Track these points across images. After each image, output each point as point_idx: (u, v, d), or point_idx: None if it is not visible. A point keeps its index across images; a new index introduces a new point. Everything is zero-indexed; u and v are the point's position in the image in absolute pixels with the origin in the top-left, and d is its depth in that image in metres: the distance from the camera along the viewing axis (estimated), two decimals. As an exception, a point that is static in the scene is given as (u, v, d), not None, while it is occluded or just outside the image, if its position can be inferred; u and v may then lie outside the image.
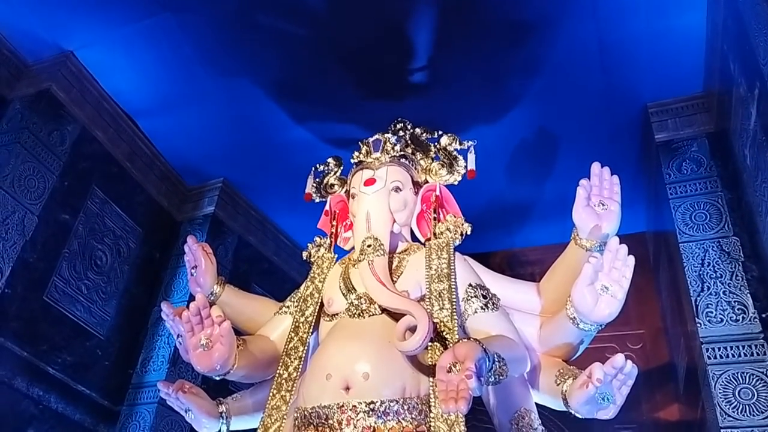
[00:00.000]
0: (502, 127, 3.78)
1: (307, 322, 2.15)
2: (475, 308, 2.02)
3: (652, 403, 3.93)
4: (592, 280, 1.82)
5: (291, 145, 3.98)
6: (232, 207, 4.47)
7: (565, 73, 3.47)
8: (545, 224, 4.44)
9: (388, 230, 2.17)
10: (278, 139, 3.98)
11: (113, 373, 3.74)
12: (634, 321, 4.13)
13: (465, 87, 3.58)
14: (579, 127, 3.77)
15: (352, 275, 2.16)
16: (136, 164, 4.07)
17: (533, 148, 3.94)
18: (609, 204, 1.98)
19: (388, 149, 2.34)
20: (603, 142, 3.80)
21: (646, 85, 3.52)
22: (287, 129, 3.91)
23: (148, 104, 3.89)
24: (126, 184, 4.01)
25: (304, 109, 3.82)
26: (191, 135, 4.04)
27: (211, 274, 2.33)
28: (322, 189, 2.56)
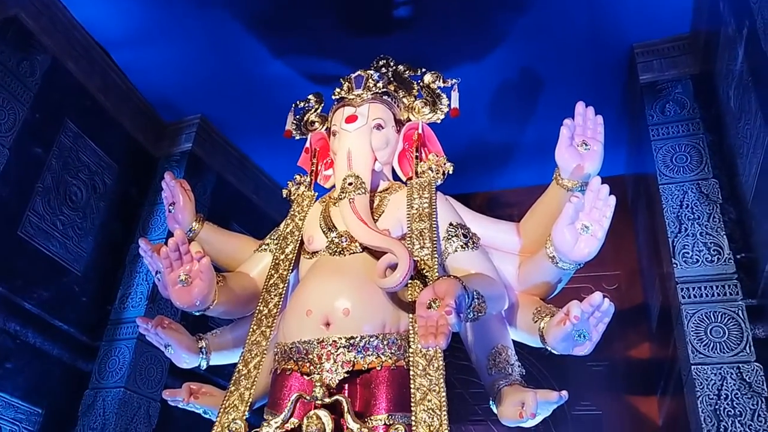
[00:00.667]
0: (486, 65, 3.73)
1: (287, 260, 2.15)
2: (455, 247, 2.03)
3: (625, 342, 4.05)
4: (573, 219, 1.83)
5: (271, 81, 3.90)
6: (210, 144, 4.41)
7: (552, 11, 3.41)
8: (526, 166, 4.45)
9: (369, 168, 2.16)
10: (258, 74, 3.90)
11: (91, 309, 3.74)
12: (610, 262, 4.20)
13: (450, 23, 3.51)
14: (564, 66, 3.73)
15: (333, 213, 2.15)
16: (111, 98, 3.97)
17: (517, 87, 3.91)
18: (592, 144, 1.97)
19: (370, 86, 2.30)
20: (587, 82, 3.78)
21: (633, 24, 3.48)
22: (267, 64, 3.83)
23: (122, 35, 3.76)
24: (100, 118, 3.92)
25: (285, 44, 3.73)
26: (167, 69, 3.94)
27: (190, 210, 2.31)
28: (302, 126, 2.52)
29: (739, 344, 2.70)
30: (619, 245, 4.13)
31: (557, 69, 3.75)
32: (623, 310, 4.07)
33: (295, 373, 1.87)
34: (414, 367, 1.77)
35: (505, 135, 4.31)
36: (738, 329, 2.73)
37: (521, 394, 1.81)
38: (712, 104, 3.27)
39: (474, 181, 4.63)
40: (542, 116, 4.03)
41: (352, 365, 1.80)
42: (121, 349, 3.65)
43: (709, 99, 3.30)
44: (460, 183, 4.07)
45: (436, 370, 1.76)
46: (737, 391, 2.62)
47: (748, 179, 2.75)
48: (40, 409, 3.37)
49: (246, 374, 1.93)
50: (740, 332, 2.73)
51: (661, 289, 3.44)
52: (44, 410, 3.39)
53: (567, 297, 1.91)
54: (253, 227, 4.41)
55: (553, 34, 3.54)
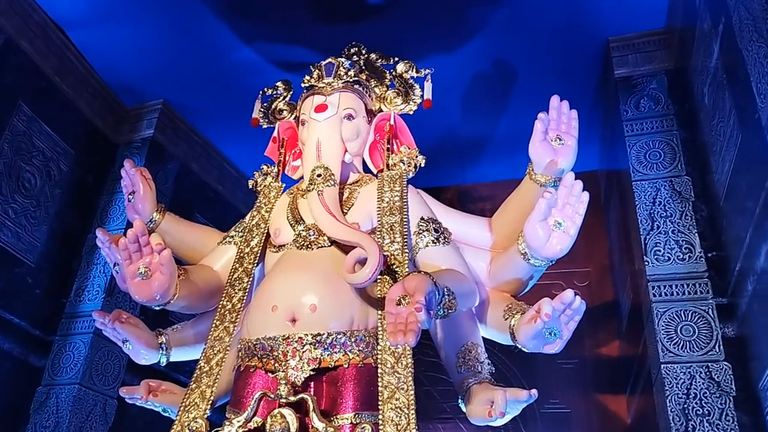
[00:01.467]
0: (460, 57, 3.74)
1: (252, 253, 2.14)
2: (426, 242, 2.04)
3: (595, 339, 4.11)
4: (545, 215, 1.85)
5: (238, 66, 3.86)
6: (172, 131, 4.35)
7: (528, 3, 3.43)
8: (499, 160, 4.49)
9: (339, 160, 2.16)
10: (224, 59, 3.85)
11: (45, 301, 3.67)
12: (582, 259, 4.26)
13: (424, 13, 3.51)
14: (539, 60, 3.76)
15: (301, 206, 2.15)
16: (68, 80, 3.88)
17: (491, 80, 3.92)
18: (566, 139, 1.99)
19: (341, 74, 2.29)
20: (562, 76, 3.81)
21: (610, 18, 3.51)
22: (234, 49, 3.78)
23: (80, 14, 3.67)
24: (56, 101, 3.83)
25: (253, 28, 3.68)
26: (129, 51, 3.86)
27: (150, 200, 2.29)
28: (270, 114, 2.51)
29: (709, 343, 2.76)
30: (591, 242, 4.19)
31: (532, 62, 3.78)
32: (594, 307, 4.13)
33: (259, 371, 1.87)
34: (382, 365, 1.77)
35: (478, 128, 4.33)
36: (708, 328, 2.79)
37: (490, 392, 1.82)
38: (686, 100, 3.33)
39: (446, 175, 4.66)
40: (516, 110, 4.06)
41: (318, 363, 1.80)
42: (76, 344, 3.59)
43: (684, 95, 3.35)
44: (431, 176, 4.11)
45: (405, 367, 1.76)
46: (706, 390, 2.67)
47: (720, 177, 2.81)
48: (-11, 406, 3.30)
49: (208, 371, 1.92)
50: (710, 331, 2.79)
51: (632, 286, 3.50)
52: (-7, 407, 3.32)
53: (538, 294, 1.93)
54: (218, 219, 4.37)
55: (529, 26, 3.56)
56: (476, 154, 4.56)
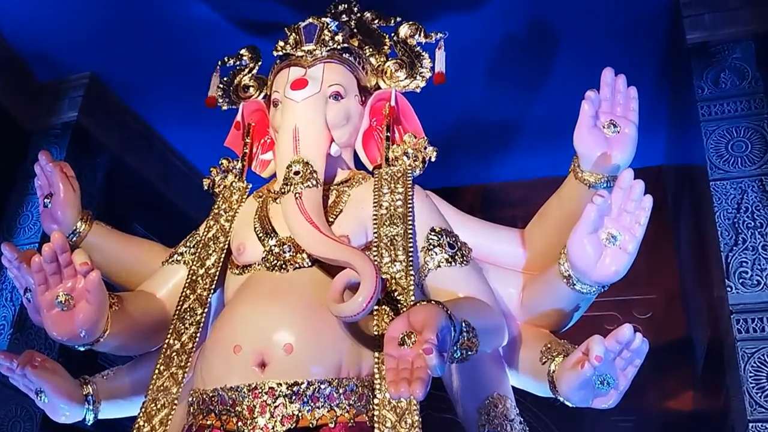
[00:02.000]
0: (482, 16, 3.74)
1: (207, 276, 2.14)
2: (438, 261, 2.04)
3: (661, 389, 4.11)
4: (596, 226, 1.85)
5: (188, 28, 3.86)
6: (103, 113, 4.35)
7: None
8: (534, 151, 4.49)
9: (323, 152, 2.17)
10: (171, 19, 3.85)
11: (-66, 339, 3.67)
12: (643, 283, 4.26)
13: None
14: (585, 21, 3.76)
15: (272, 213, 2.16)
16: (-37, 47, 3.90)
17: (523, 47, 3.93)
18: (623, 125, 2.01)
19: (325, 39, 2.31)
20: (617, 43, 3.81)
21: (680, -36, 3.53)
22: (184, 4, 3.78)
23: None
24: (-52, 75, 3.85)
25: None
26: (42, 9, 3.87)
27: (73, 205, 2.30)
28: (231, 92, 2.53)
29: (812, 394, 2.76)
30: (655, 259, 4.18)
31: (577, 24, 3.78)
32: (659, 346, 4.12)
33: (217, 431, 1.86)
34: (380, 424, 1.77)
35: (507, 110, 4.33)
36: (810, 378, 2.80)
37: (523, 460, 1.83)
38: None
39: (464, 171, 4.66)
40: (556, 85, 4.07)
41: (295, 420, 1.79)
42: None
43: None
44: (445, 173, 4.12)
45: (410, 427, 1.76)
46: (807, 456, 2.67)
47: (827, 175, 2.81)
48: None
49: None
50: (814, 379, 2.79)
51: (709, 319, 3.49)
52: None
53: (586, 329, 1.93)
54: (162, 229, 4.36)
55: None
56: (504, 145, 4.56)
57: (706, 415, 3.67)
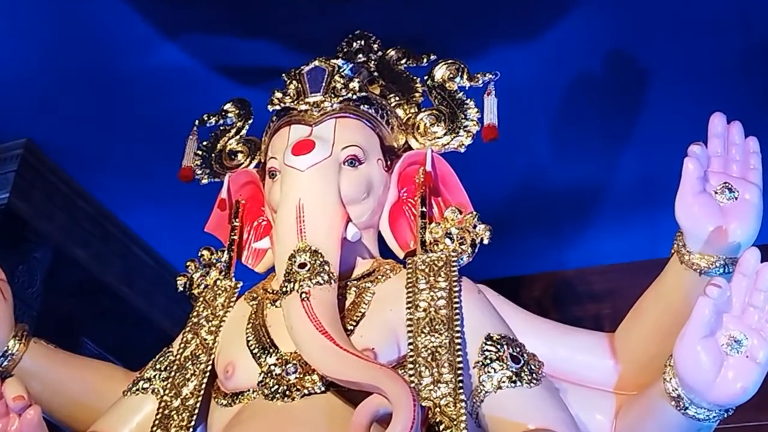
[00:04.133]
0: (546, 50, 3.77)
1: (185, 409, 2.13)
2: (498, 380, 2.02)
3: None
4: (713, 328, 1.83)
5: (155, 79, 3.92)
6: (42, 192, 4.41)
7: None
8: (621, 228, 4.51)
9: (337, 236, 2.18)
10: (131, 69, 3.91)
11: None
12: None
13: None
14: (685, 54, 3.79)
15: (271, 321, 2.17)
16: None
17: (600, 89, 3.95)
18: (741, 189, 2.01)
19: (336, 87, 2.35)
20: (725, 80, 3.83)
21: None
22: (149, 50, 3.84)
23: None
24: None
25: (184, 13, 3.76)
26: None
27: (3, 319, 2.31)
28: (213, 160, 2.56)
29: None
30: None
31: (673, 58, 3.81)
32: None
33: None
34: None
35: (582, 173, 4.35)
36: None
37: None
38: None
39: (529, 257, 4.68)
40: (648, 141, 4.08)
41: None
42: None
43: None
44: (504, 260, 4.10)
45: None
46: None
47: None
48: None
49: None
50: None
51: None
52: None
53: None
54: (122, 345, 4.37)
55: None
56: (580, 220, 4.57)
57: None
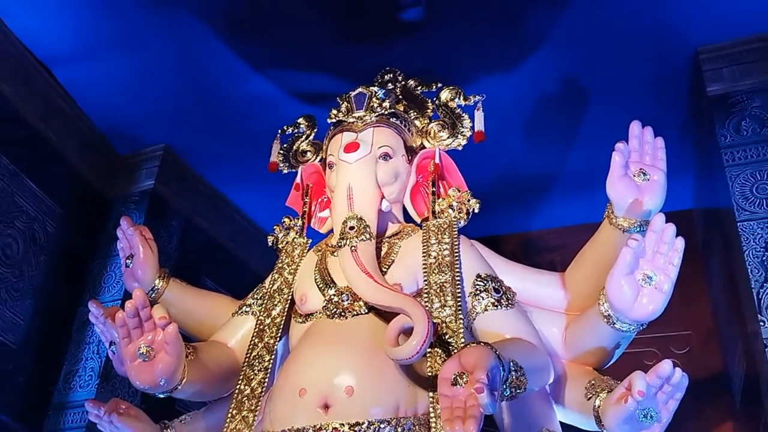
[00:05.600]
0: (517, 77, 3.76)
1: (274, 325, 2.15)
2: (485, 305, 2.03)
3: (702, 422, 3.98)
4: (632, 268, 1.83)
5: (250, 101, 3.94)
6: (176, 181, 4.43)
7: (597, 9, 3.44)
8: (570, 200, 4.46)
9: (375, 208, 2.18)
10: (234, 93, 3.94)
11: (29, 390, 3.72)
12: (679, 320, 4.16)
13: (471, 26, 3.55)
14: (613, 77, 3.75)
15: (331, 265, 2.17)
16: (54, 126, 4.01)
17: (556, 104, 3.93)
18: (652, 173, 2.00)
19: (374, 106, 2.34)
20: (643, 96, 3.80)
21: (698, 24, 3.49)
22: (245, 81, 3.87)
23: (67, 50, 3.81)
24: (41, 152, 3.95)
25: (267, 54, 3.77)
26: (122, 89, 3.98)
27: (152, 264, 2.34)
28: (290, 157, 2.56)
29: None
30: (690, 298, 4.09)
31: (605, 80, 3.77)
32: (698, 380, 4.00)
33: (286, 471, 1.85)
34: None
35: (544, 163, 4.32)
36: None
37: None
38: (799, 120, 3.28)
39: (505, 221, 4.63)
40: (589, 139, 4.04)
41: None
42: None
43: (796, 114, 3.31)
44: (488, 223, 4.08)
45: (465, 462, 1.73)
46: None
47: None
48: None
49: (224, 473, 1.92)
50: None
51: (744, 353, 3.40)
52: None
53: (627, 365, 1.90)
54: (231, 284, 4.40)
55: (599, 36, 3.56)
56: (542, 195, 4.54)
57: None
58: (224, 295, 2.54)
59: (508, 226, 4.70)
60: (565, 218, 4.56)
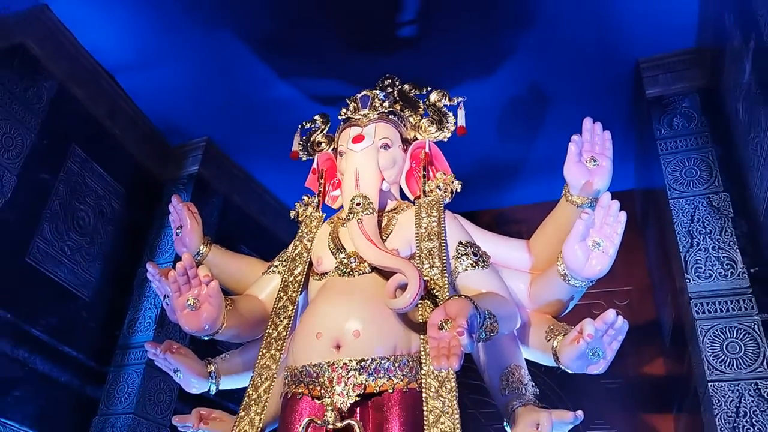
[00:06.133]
0: (493, 83, 3.74)
1: (296, 281, 2.14)
2: (465, 266, 2.02)
3: (639, 359, 4.01)
4: (584, 236, 1.83)
5: (276, 102, 3.92)
6: (216, 167, 4.42)
7: (558, 28, 3.42)
8: (534, 182, 4.45)
9: (377, 188, 2.16)
10: (262, 96, 3.92)
11: (99, 334, 3.74)
12: (621, 278, 4.18)
13: (455, 41, 3.52)
14: (570, 82, 3.74)
15: (341, 234, 2.16)
16: (117, 123, 4.00)
17: (524, 104, 3.91)
18: (600, 160, 1.98)
19: (376, 106, 2.31)
20: (594, 97, 3.78)
21: (639, 39, 3.48)
22: (272, 86, 3.85)
23: (128, 59, 3.79)
24: (107, 144, 3.94)
25: (290, 64, 3.75)
26: (173, 92, 3.97)
27: (197, 233, 2.32)
28: (308, 147, 2.53)
29: (757, 359, 2.66)
30: (630, 261, 4.10)
31: (564, 85, 3.76)
32: (636, 326, 4.02)
33: (306, 397, 1.86)
34: (426, 389, 1.76)
35: (513, 152, 4.30)
36: (754, 344, 2.70)
37: (536, 414, 1.79)
38: (720, 117, 3.26)
39: (482, 199, 4.63)
40: (550, 132, 4.03)
41: (363, 388, 1.79)
42: (129, 375, 3.64)
43: (717, 112, 3.29)
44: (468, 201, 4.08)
45: (449, 391, 1.74)
46: (756, 408, 2.57)
47: (759, 192, 2.73)
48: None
49: (256, 399, 1.92)
50: (756, 347, 2.69)
51: (674, 304, 3.41)
52: (53, 438, 3.38)
53: (579, 314, 1.90)
54: (261, 249, 4.40)
55: (560, 50, 3.54)
56: (512, 178, 4.52)
57: (674, 378, 3.57)
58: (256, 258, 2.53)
59: (484, 203, 4.70)
60: (530, 197, 4.54)
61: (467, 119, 2.32)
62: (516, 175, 4.50)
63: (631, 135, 4.04)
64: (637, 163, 4.18)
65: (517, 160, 4.37)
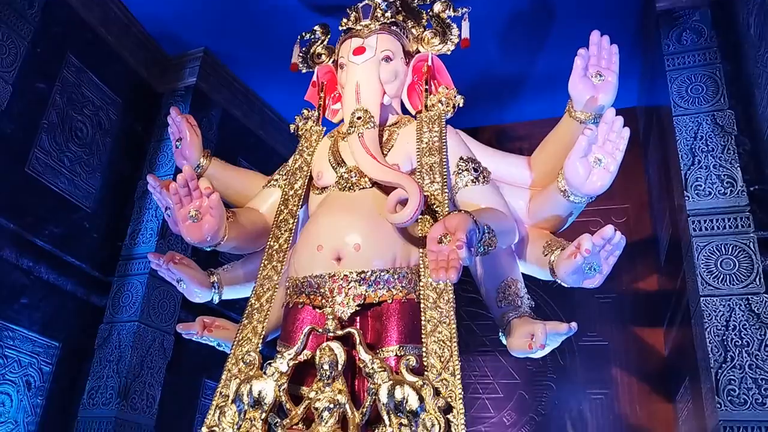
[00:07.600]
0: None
1: (296, 195, 2.16)
2: (465, 181, 2.03)
3: (633, 274, 4.08)
4: (586, 152, 1.82)
5: (275, 12, 3.81)
6: (214, 78, 4.35)
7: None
8: (537, 98, 4.38)
9: (378, 102, 2.13)
10: (262, 5, 3.80)
11: (102, 245, 3.78)
12: (620, 195, 4.19)
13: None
14: (578, 0, 3.62)
15: (342, 148, 2.15)
16: (112, 30, 3.89)
17: (528, 17, 3.79)
18: (606, 75, 1.95)
19: (378, 16, 2.25)
20: (602, 11, 3.66)
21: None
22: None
23: (121, -36, 3.66)
24: (102, 52, 3.85)
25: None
26: (169, 1, 3.84)
27: (197, 146, 2.31)
28: (308, 59, 2.48)
29: (749, 276, 2.71)
30: (629, 178, 4.10)
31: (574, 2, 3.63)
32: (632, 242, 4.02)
33: (307, 307, 1.91)
34: (424, 300, 1.80)
35: (516, 67, 4.22)
36: (749, 261, 2.74)
37: (531, 325, 1.84)
38: (730, 32, 3.18)
39: (484, 114, 4.58)
40: (555, 47, 3.94)
41: (363, 298, 1.83)
42: (133, 285, 3.71)
43: (728, 27, 3.20)
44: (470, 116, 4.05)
45: (447, 302, 1.78)
46: (745, 321, 2.64)
47: (765, 110, 2.70)
48: (57, 343, 3.46)
49: (258, 308, 1.97)
50: (751, 264, 2.73)
51: (671, 222, 3.44)
52: (61, 344, 3.48)
53: (576, 231, 1.92)
54: (261, 163, 4.38)
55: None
56: (514, 93, 4.45)
57: (667, 293, 3.65)
58: (255, 172, 2.53)
59: (486, 118, 4.65)
60: (532, 113, 4.49)
61: (471, 32, 2.27)
62: (519, 90, 4.43)
63: (637, 50, 3.95)
64: (642, 79, 4.10)
65: (520, 75, 4.29)
